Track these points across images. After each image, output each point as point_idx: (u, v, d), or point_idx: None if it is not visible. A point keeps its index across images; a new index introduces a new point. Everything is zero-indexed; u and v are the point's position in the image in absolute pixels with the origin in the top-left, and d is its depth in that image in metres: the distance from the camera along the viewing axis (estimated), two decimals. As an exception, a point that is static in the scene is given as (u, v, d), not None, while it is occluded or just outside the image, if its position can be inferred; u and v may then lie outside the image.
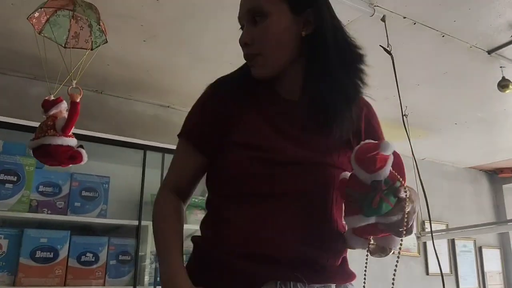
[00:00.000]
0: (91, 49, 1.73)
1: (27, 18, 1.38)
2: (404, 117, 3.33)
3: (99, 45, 1.74)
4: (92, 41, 1.70)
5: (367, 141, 0.82)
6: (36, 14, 1.50)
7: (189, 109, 1.04)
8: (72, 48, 1.75)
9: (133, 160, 2.63)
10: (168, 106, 3.11)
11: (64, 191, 2.43)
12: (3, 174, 2.19)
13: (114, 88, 2.90)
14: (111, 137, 2.55)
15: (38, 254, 2.22)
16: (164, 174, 0.95)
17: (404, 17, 2.15)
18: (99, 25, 1.65)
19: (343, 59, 0.98)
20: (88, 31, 1.69)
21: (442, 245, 4.23)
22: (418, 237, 3.16)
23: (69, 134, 1.21)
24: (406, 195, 0.79)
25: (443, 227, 4.31)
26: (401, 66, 2.58)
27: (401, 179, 0.79)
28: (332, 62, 0.96)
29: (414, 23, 2.20)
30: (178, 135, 1.03)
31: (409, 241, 3.89)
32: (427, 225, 4.25)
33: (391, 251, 0.86)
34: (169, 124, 3.04)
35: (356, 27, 2.21)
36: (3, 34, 2.25)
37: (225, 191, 0.97)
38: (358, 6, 2.02)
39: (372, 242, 0.86)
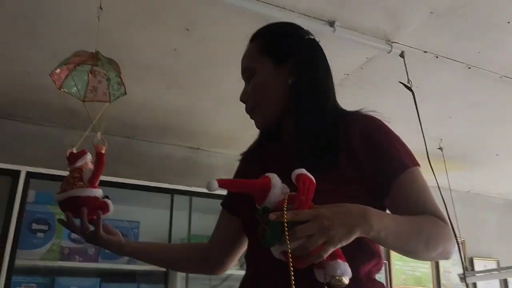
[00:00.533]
0: (109, 102, 1.78)
1: (49, 75, 1.43)
2: (440, 150, 3.26)
3: (118, 97, 1.79)
4: (110, 94, 1.74)
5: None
6: (58, 71, 1.55)
7: (217, 150, 1.13)
8: (91, 101, 1.81)
9: (162, 203, 2.65)
10: (198, 148, 3.14)
11: (95, 238, 2.48)
12: (34, 224, 2.26)
13: (144, 133, 2.97)
14: (139, 183, 2.60)
15: (69, 302, 2.26)
16: (192, 217, 1.06)
17: (425, 51, 2.10)
18: (119, 78, 1.68)
19: (317, 103, 1.01)
20: (106, 84, 1.73)
21: (493, 286, 3.96)
22: (462, 278, 2.94)
23: (96, 185, 1.23)
24: (283, 218, 0.75)
25: (494, 264, 4.04)
26: (429, 100, 2.53)
27: (291, 203, 0.77)
28: (307, 108, 1.00)
29: (437, 57, 2.14)
30: None
31: (454, 280, 3.67)
32: (476, 262, 4.00)
33: (337, 280, 0.77)
34: (198, 165, 3.07)
35: (376, 64, 2.20)
36: (36, 87, 2.36)
37: None
38: (374, 44, 1.99)
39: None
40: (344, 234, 0.76)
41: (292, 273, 0.74)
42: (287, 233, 0.74)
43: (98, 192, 1.38)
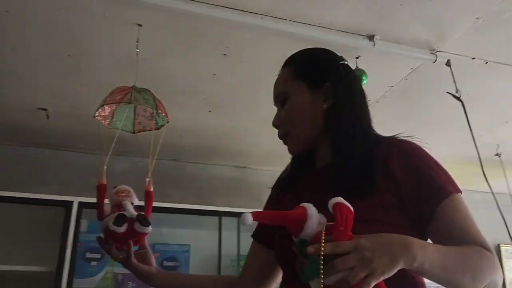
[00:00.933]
0: (157, 129, 1.79)
1: (94, 117, 1.47)
2: (497, 156, 3.09)
3: (163, 125, 1.80)
4: (155, 121, 1.76)
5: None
6: (100, 111, 1.59)
7: (265, 167, 1.13)
8: (139, 132, 1.84)
9: (211, 225, 2.67)
10: (245, 167, 3.14)
11: (149, 263, 2.52)
12: (88, 253, 2.32)
13: (190, 155, 3.01)
14: (188, 207, 2.62)
15: (125, 328, 2.30)
16: (241, 237, 1.05)
17: (473, 58, 1.99)
18: (157, 109, 1.71)
19: (356, 128, 0.99)
20: (150, 113, 1.75)
21: None
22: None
23: None
24: (320, 251, 0.71)
25: None
26: (482, 106, 2.41)
27: (327, 235, 0.74)
28: (346, 133, 0.98)
29: (486, 62, 2.02)
30: None
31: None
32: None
33: None
34: (246, 183, 3.06)
35: (421, 74, 2.12)
36: (85, 119, 2.44)
37: None
38: (418, 54, 1.91)
39: None
40: (387, 265, 0.73)
41: None
42: (323, 267, 0.71)
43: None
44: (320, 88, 1.02)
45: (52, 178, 2.68)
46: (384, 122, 2.53)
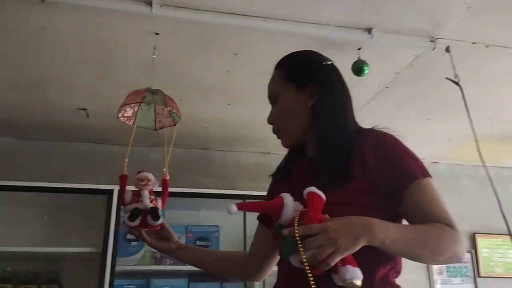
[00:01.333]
0: (174, 125, 1.96)
1: (117, 118, 1.68)
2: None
3: (178, 121, 1.98)
4: (173, 118, 1.92)
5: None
6: (123, 113, 1.79)
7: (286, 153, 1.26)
8: (160, 129, 2.06)
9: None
10: (268, 152, 3.34)
11: (181, 242, 2.78)
12: (128, 234, 2.61)
13: (218, 144, 3.23)
14: (216, 192, 2.85)
15: (163, 300, 2.59)
16: None
17: (473, 43, 2.07)
18: (167, 107, 1.87)
19: (335, 123, 1.11)
20: (167, 111, 1.93)
21: None
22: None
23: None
24: (294, 233, 0.86)
25: None
26: (493, 86, 2.47)
27: (300, 219, 0.89)
28: (327, 128, 1.10)
29: (487, 46, 2.10)
30: None
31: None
32: None
33: (350, 284, 0.86)
34: (270, 168, 3.24)
35: (424, 60, 2.22)
36: (120, 117, 2.72)
37: None
38: (416, 43, 2.02)
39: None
40: (350, 243, 0.86)
41: (312, 279, 0.85)
42: (300, 246, 0.85)
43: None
44: (305, 88, 1.14)
45: (95, 169, 2.98)
46: (397, 106, 2.69)
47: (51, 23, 1.88)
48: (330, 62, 1.21)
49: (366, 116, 2.76)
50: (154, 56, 1.96)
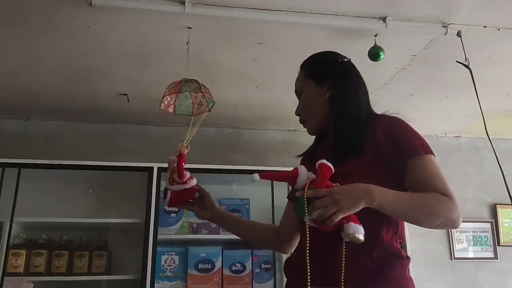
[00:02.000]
0: (209, 110, 2.16)
1: (159, 107, 1.90)
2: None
3: (212, 107, 2.19)
4: (207, 103, 2.14)
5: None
6: (165, 102, 2.01)
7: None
8: (197, 114, 2.25)
9: (266, 182, 3.11)
10: (295, 130, 3.53)
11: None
12: (167, 208, 2.89)
13: (247, 123, 3.46)
14: (247, 168, 3.06)
15: (200, 266, 2.87)
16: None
17: (485, 26, 2.19)
18: (204, 93, 2.09)
19: (350, 110, 1.30)
20: (201, 97, 2.13)
21: None
22: None
23: (184, 179, 1.52)
24: (304, 195, 1.05)
25: None
26: (507, 66, 2.57)
27: (310, 185, 1.07)
28: (342, 114, 1.30)
29: (498, 29, 2.21)
30: None
31: None
32: None
33: (353, 238, 1.04)
34: (297, 144, 3.46)
35: (439, 44, 2.34)
36: (157, 100, 2.98)
37: None
38: (430, 30, 2.15)
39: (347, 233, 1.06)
40: (351, 205, 1.04)
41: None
42: (306, 205, 1.05)
43: (183, 186, 1.64)
44: (323, 83, 1.33)
45: (136, 148, 3.27)
46: (415, 86, 2.85)
47: (96, 22, 2.12)
48: (346, 60, 1.40)
49: (387, 95, 2.95)
50: (188, 46, 2.17)
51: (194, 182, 1.42)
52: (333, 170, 1.11)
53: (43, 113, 3.21)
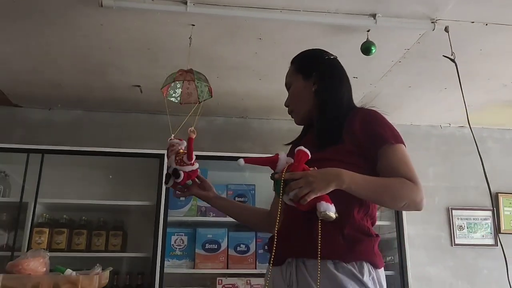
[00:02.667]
0: (199, 102, 2.31)
1: (160, 89, 2.08)
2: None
3: (206, 99, 2.31)
4: (198, 97, 2.28)
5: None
6: (165, 87, 2.19)
7: None
8: (185, 104, 2.38)
9: (270, 169, 3.29)
10: (301, 120, 3.69)
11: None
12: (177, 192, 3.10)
13: (254, 113, 3.63)
14: (254, 155, 3.25)
15: (207, 246, 3.08)
16: None
17: (472, 22, 2.30)
18: (208, 87, 2.24)
19: (332, 103, 1.44)
20: (195, 90, 2.27)
21: None
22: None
23: (192, 161, 1.52)
24: (281, 177, 1.19)
25: None
26: (500, 59, 2.67)
27: (288, 168, 1.21)
28: (325, 106, 1.44)
29: (486, 24, 2.31)
30: None
31: None
32: None
33: (325, 215, 1.17)
34: (303, 135, 3.62)
35: (430, 38, 2.44)
36: (168, 92, 3.18)
37: None
38: (418, 25, 2.27)
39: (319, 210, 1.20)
40: (323, 186, 1.18)
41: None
42: (282, 187, 1.20)
43: (192, 167, 1.79)
44: (310, 77, 1.46)
45: (149, 136, 3.49)
46: (413, 77, 2.99)
47: (108, 20, 2.32)
48: (332, 57, 1.53)
49: (386, 87, 3.09)
50: (190, 41, 2.36)
51: (197, 164, 1.55)
52: (309, 156, 1.24)
53: (64, 103, 3.47)
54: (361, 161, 1.34)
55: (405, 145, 1.36)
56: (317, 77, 1.46)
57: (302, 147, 1.25)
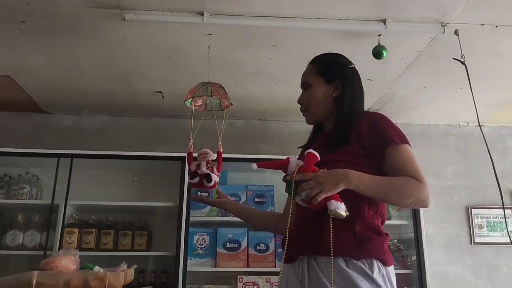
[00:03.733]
0: (205, 111, 2.39)
1: (189, 107, 2.19)
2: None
3: (212, 110, 2.38)
4: (206, 106, 2.36)
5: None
6: (193, 104, 2.28)
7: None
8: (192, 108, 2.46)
9: (289, 171, 3.39)
10: (319, 121, 3.76)
11: (243, 199, 3.37)
12: (199, 192, 3.22)
13: (273, 115, 3.73)
14: (271, 157, 3.35)
15: (228, 245, 3.20)
16: None
17: (482, 24, 2.34)
18: (219, 100, 2.31)
19: (350, 110, 1.50)
20: (204, 101, 2.36)
21: None
22: None
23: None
24: (293, 179, 1.25)
25: None
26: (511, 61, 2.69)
27: (299, 171, 1.27)
28: (344, 112, 1.49)
29: (496, 26, 2.35)
30: None
31: None
32: None
33: (336, 213, 1.24)
34: (321, 136, 3.69)
35: (441, 41, 2.49)
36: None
37: None
38: (428, 29, 2.33)
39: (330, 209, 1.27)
40: (332, 186, 1.24)
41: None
42: (293, 188, 1.27)
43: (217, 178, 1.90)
44: (332, 83, 1.51)
45: (171, 139, 3.63)
46: (427, 78, 3.04)
47: (130, 32, 2.46)
48: (353, 66, 1.59)
49: (401, 88, 3.16)
50: (209, 52, 2.48)
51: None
52: (318, 158, 1.31)
53: (92, 110, 3.64)
54: (368, 162, 1.40)
55: (410, 145, 1.42)
56: (340, 84, 1.51)
57: (311, 150, 1.31)
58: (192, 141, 1.94)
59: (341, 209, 1.25)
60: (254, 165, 1.36)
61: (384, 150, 1.38)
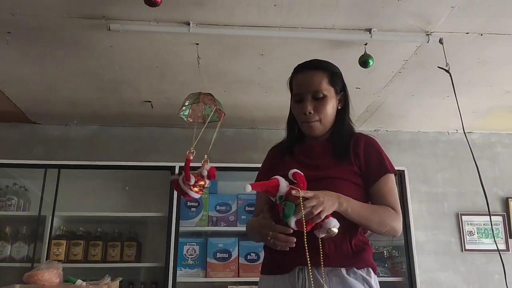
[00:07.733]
0: (204, 123, 2.39)
1: (187, 121, 2.16)
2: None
3: (211, 122, 2.39)
4: (204, 117, 2.36)
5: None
6: (186, 103, 2.27)
7: None
8: (191, 122, 2.47)
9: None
10: (309, 129, 3.77)
11: (233, 208, 3.35)
12: (188, 202, 3.21)
13: (263, 124, 3.73)
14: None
15: (218, 255, 3.18)
16: None
17: (467, 33, 2.35)
18: (216, 110, 2.31)
19: (348, 123, 1.56)
20: (202, 112, 2.37)
21: None
22: None
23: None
24: (297, 198, 1.24)
25: None
26: (499, 66, 2.71)
27: (294, 191, 1.26)
28: (344, 125, 1.55)
29: (481, 35, 2.37)
30: None
31: None
32: None
33: (331, 231, 1.27)
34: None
35: (427, 49, 2.50)
36: (177, 105, 3.30)
37: None
38: (412, 38, 2.34)
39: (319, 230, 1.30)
40: (331, 206, 1.29)
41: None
42: (297, 208, 1.26)
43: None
44: (338, 94, 1.52)
45: (160, 149, 3.62)
46: (414, 86, 3.04)
47: (116, 42, 2.46)
48: None
49: (390, 96, 3.16)
50: (198, 61, 2.47)
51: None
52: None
53: (80, 120, 3.62)
54: (361, 181, 1.48)
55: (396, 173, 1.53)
56: (343, 97, 1.55)
57: (297, 170, 1.34)
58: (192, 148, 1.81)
59: (337, 226, 1.29)
60: (249, 187, 1.30)
61: (380, 177, 1.47)
